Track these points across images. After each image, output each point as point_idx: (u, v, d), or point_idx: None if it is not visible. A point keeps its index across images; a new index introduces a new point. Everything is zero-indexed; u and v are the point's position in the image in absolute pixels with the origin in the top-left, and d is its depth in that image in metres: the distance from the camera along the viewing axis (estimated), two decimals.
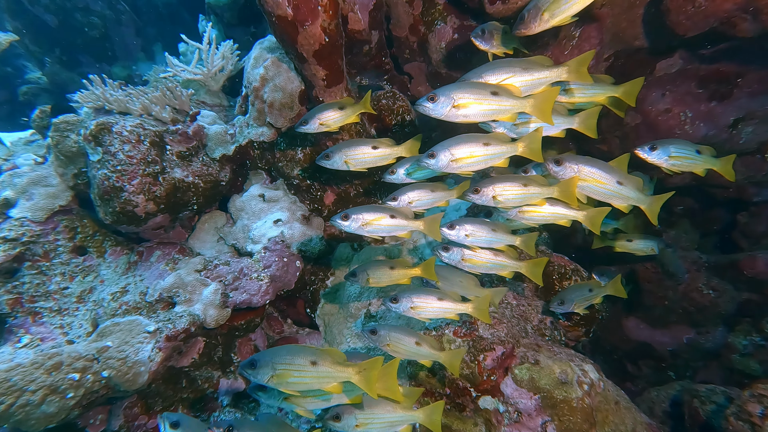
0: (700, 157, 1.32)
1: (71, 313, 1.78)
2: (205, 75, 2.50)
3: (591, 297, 1.55)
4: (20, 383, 1.18)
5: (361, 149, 1.46)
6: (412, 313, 1.31)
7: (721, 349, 2.17)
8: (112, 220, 1.76)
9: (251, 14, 3.63)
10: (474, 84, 1.19)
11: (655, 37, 1.75)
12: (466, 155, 1.23)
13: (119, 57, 4.66)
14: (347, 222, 1.30)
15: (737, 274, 2.09)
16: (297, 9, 1.43)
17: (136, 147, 1.68)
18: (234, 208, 2.09)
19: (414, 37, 2.25)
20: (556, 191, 1.25)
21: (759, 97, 1.74)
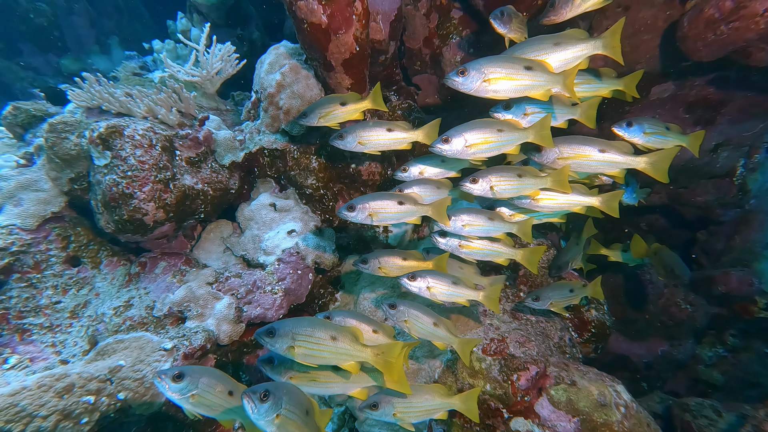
0: (670, 134, 1.41)
1: (64, 330, 1.68)
2: (202, 77, 2.48)
3: (571, 297, 1.58)
4: (29, 408, 1.11)
5: (376, 131, 1.48)
6: (427, 293, 1.34)
7: (689, 360, 2.37)
8: (115, 228, 1.69)
9: (239, 16, 3.63)
10: (506, 58, 1.20)
11: (658, 63, 1.92)
12: (480, 140, 1.26)
13: (70, 48, 4.46)
14: (353, 213, 1.32)
15: (711, 290, 2.31)
16: (332, 17, 1.47)
17: (148, 152, 1.64)
18: (242, 217, 2.06)
19: (427, 50, 2.34)
20: (550, 181, 1.32)
21: (738, 124, 1.96)
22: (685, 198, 2.25)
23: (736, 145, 2.05)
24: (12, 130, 2.56)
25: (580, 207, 1.42)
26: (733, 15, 1.35)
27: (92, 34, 4.63)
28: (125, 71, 3.80)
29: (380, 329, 1.29)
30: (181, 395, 0.98)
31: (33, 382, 1.20)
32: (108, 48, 4.67)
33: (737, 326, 2.33)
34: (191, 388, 0.99)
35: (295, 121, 1.64)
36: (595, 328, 1.89)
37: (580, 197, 1.39)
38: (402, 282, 1.33)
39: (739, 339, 2.35)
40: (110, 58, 4.56)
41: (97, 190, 1.69)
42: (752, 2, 1.29)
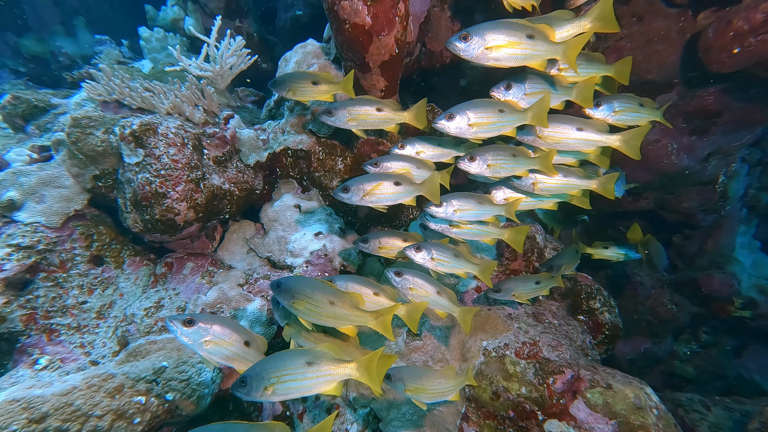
0: (643, 110, 1.45)
1: (91, 330, 1.71)
2: (215, 72, 2.49)
3: (537, 289, 1.63)
4: (84, 408, 1.15)
5: (365, 108, 1.50)
6: (431, 264, 1.41)
7: (666, 356, 2.57)
8: (144, 228, 1.72)
9: (238, 8, 3.64)
10: (510, 24, 1.21)
11: (668, 72, 2.04)
12: (482, 120, 1.28)
13: (32, 28, 4.32)
14: (348, 194, 1.34)
15: (694, 291, 2.51)
16: (376, 18, 1.51)
17: (181, 151, 1.67)
18: (266, 218, 2.10)
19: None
20: (538, 163, 1.38)
21: (729, 134, 2.12)
22: (671, 204, 2.43)
23: (725, 154, 2.21)
24: (10, 121, 2.54)
25: (578, 190, 1.50)
26: (763, 28, 1.46)
27: (56, 14, 4.44)
28: (108, 59, 3.75)
29: (381, 292, 1.33)
30: (193, 340, 1.00)
31: (81, 382, 1.24)
32: (73, 29, 4.50)
33: (710, 324, 2.55)
34: (203, 334, 1.00)
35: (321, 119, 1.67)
36: (608, 330, 1.99)
37: (577, 180, 1.47)
38: (407, 252, 1.40)
39: (710, 336, 2.57)
40: (76, 41, 4.41)
41: (126, 189, 1.72)
42: None
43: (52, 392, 1.17)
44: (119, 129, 1.66)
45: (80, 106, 2.24)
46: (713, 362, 2.55)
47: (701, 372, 2.56)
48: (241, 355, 1.05)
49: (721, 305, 2.45)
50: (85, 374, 1.29)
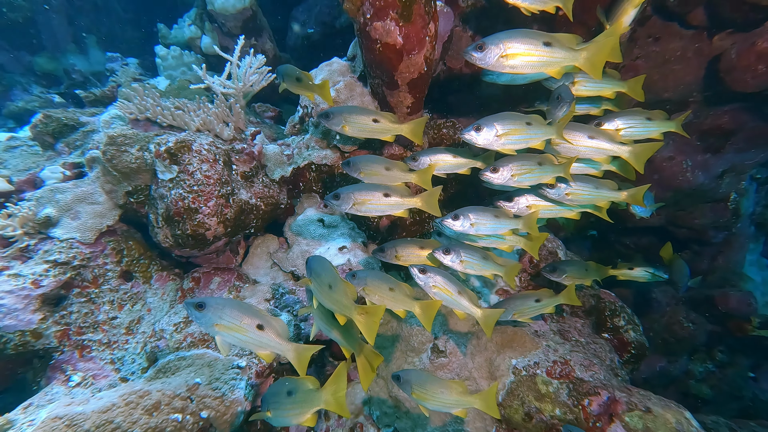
0: (654, 123, 1.47)
1: (121, 347, 1.73)
2: (237, 90, 2.56)
3: (538, 307, 1.59)
4: (124, 425, 1.16)
5: (361, 117, 1.53)
6: (460, 266, 1.42)
7: (682, 375, 2.53)
8: (174, 243, 1.76)
9: (255, 27, 3.75)
10: (526, 32, 1.21)
11: (684, 91, 2.07)
12: (510, 131, 1.29)
13: (46, 47, 4.42)
14: (338, 201, 1.34)
15: (710, 309, 2.49)
16: (407, 38, 1.56)
17: (213, 167, 1.71)
18: (290, 232, 2.13)
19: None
20: (563, 170, 1.38)
21: (742, 153, 2.14)
22: (683, 220, 2.43)
23: (738, 173, 2.22)
24: (41, 139, 2.62)
25: (607, 201, 1.50)
26: None
27: (69, 32, 4.54)
28: (125, 76, 3.87)
29: (397, 288, 1.32)
30: (205, 325, 1.00)
31: (119, 399, 1.25)
32: (85, 47, 4.62)
33: (726, 343, 2.51)
34: (214, 318, 1.00)
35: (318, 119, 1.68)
36: (634, 349, 1.96)
37: (608, 192, 1.48)
38: (436, 254, 1.41)
39: (726, 355, 2.54)
40: (87, 58, 4.53)
41: (158, 204, 1.76)
42: None
43: (92, 409, 1.19)
44: (155, 146, 1.71)
45: (109, 124, 2.31)
46: (729, 382, 2.51)
47: (717, 392, 2.52)
48: (255, 340, 1.03)
49: (739, 324, 2.42)
50: (123, 391, 1.30)
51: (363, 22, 1.60)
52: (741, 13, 1.71)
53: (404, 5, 1.52)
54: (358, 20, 1.63)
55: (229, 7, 3.55)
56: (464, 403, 1.27)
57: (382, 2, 1.54)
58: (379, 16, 1.56)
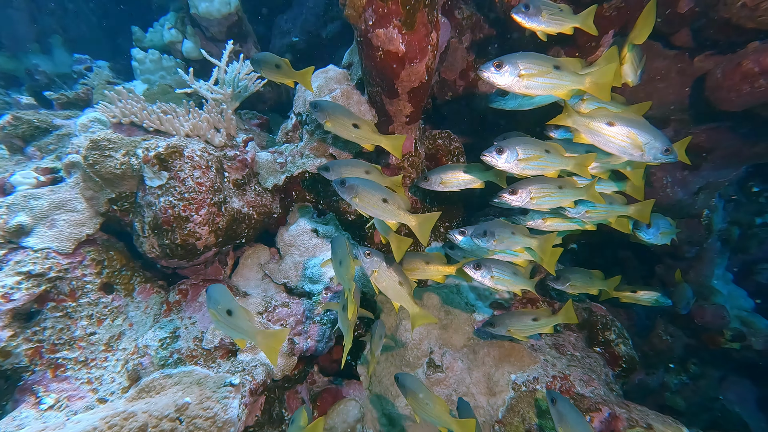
0: None
1: (99, 365, 1.61)
2: (226, 96, 2.51)
3: (536, 326, 1.59)
4: None
5: (343, 119, 1.55)
6: (490, 282, 1.44)
7: (658, 387, 2.60)
8: (161, 253, 1.67)
9: (240, 32, 3.72)
10: (539, 55, 1.25)
11: (667, 109, 2.17)
12: (530, 156, 1.32)
13: (4, 45, 4.25)
14: (343, 188, 1.32)
15: (687, 322, 2.58)
16: (410, 46, 1.56)
17: (205, 174, 1.65)
18: (282, 242, 2.07)
19: (462, 81, 2.50)
20: (585, 192, 1.40)
21: (717, 171, 2.26)
22: None
23: (712, 189, 2.34)
24: (8, 142, 2.47)
25: (616, 216, 1.54)
26: None
27: (32, 31, 4.38)
28: (99, 79, 3.74)
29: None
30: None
31: (101, 422, 1.15)
32: (49, 48, 4.47)
33: (698, 355, 2.60)
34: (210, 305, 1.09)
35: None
36: (625, 363, 1.98)
37: (619, 207, 1.53)
38: (467, 270, 1.42)
39: (698, 367, 2.62)
40: (52, 59, 4.38)
41: (145, 212, 1.67)
42: None
43: None
44: (143, 151, 1.63)
45: (87, 127, 2.20)
46: (702, 394, 2.59)
47: (690, 404, 2.59)
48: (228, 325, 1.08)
49: (712, 337, 2.51)
50: (104, 413, 1.21)
51: (364, 29, 1.60)
52: (725, 35, 1.80)
53: (408, 13, 1.53)
54: (360, 27, 1.62)
55: (214, 11, 3.50)
56: (445, 423, 1.28)
57: (386, 9, 1.53)
58: (381, 23, 1.55)
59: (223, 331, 1.17)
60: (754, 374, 2.62)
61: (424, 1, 1.54)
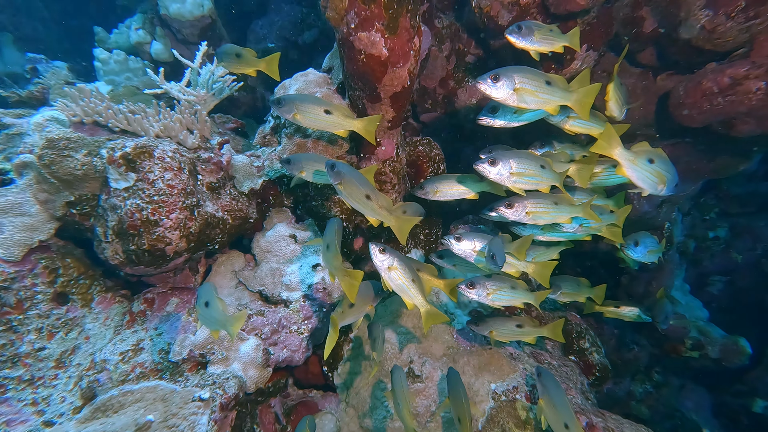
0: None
1: (47, 383, 1.45)
2: (199, 98, 2.42)
3: (518, 333, 1.60)
4: None
5: (313, 107, 1.48)
6: (487, 300, 1.44)
7: (625, 396, 2.70)
8: (126, 259, 1.54)
9: (214, 36, 3.64)
10: (532, 70, 1.29)
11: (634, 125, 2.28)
12: (523, 171, 1.34)
13: None
14: (332, 172, 1.27)
15: (652, 331, 2.69)
16: (392, 50, 1.55)
17: (177, 176, 1.55)
18: (259, 248, 1.98)
19: (442, 90, 2.53)
20: (581, 210, 1.44)
21: (680, 185, 2.40)
22: None
23: (673, 203, 2.48)
24: None
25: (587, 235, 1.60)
26: (729, 90, 1.68)
27: None
28: (56, 78, 3.54)
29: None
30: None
31: None
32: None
33: (662, 363, 2.71)
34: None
35: (269, 103, 1.61)
36: (599, 372, 2.01)
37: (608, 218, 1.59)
38: (462, 290, 1.40)
39: (661, 376, 2.72)
40: (1, 57, 4.14)
41: (109, 216, 1.54)
42: (747, 81, 1.63)
43: None
44: (108, 151, 1.52)
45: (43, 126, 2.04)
46: (664, 402, 2.67)
47: (654, 412, 2.66)
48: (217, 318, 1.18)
49: (674, 346, 2.61)
50: None
51: (346, 32, 1.58)
52: (686, 56, 1.91)
53: (391, 17, 1.52)
54: (341, 30, 1.60)
55: (186, 13, 3.39)
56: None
57: (368, 13, 1.52)
58: (364, 26, 1.54)
59: (203, 323, 1.24)
60: (709, 382, 2.73)
61: (406, 6, 1.54)
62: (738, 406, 2.66)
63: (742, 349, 2.51)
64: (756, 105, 1.65)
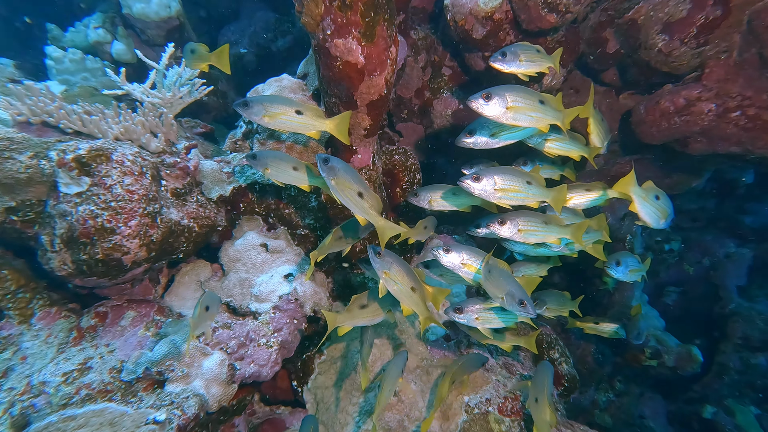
0: None
1: None
2: (164, 100, 2.30)
3: (496, 338, 1.60)
4: None
5: (283, 108, 1.42)
6: (476, 323, 1.43)
7: (589, 405, 2.80)
8: (75, 270, 1.40)
9: (181, 38, 3.53)
10: (525, 89, 1.32)
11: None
12: (508, 187, 1.35)
13: None
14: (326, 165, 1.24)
15: (615, 341, 2.82)
16: (369, 58, 1.53)
17: (138, 180, 1.43)
18: (227, 258, 1.87)
19: (417, 100, 2.54)
20: (570, 232, 1.46)
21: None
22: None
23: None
24: None
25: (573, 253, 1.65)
26: (685, 110, 1.78)
27: None
28: (1, 76, 3.30)
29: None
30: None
31: None
32: None
33: (623, 373, 2.80)
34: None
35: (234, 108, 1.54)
36: (567, 382, 2.03)
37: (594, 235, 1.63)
38: (451, 316, 1.39)
39: (623, 384, 2.79)
40: None
41: (57, 224, 1.40)
42: (700, 103, 1.73)
43: None
44: (58, 153, 1.38)
45: None
46: (625, 411, 2.73)
47: (616, 420, 2.72)
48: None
49: (635, 355, 2.67)
50: None
51: (322, 38, 1.54)
52: (645, 76, 2.01)
53: (367, 25, 1.50)
54: (317, 36, 1.56)
55: (151, 13, 3.24)
56: None
57: (344, 20, 1.50)
58: (340, 33, 1.51)
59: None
60: (665, 390, 2.83)
61: (383, 15, 1.53)
62: (690, 413, 2.76)
63: (694, 357, 2.61)
64: (707, 125, 1.75)
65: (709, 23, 1.63)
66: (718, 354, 2.80)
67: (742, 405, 2.68)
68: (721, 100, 1.70)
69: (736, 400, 2.71)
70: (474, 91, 1.31)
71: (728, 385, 2.73)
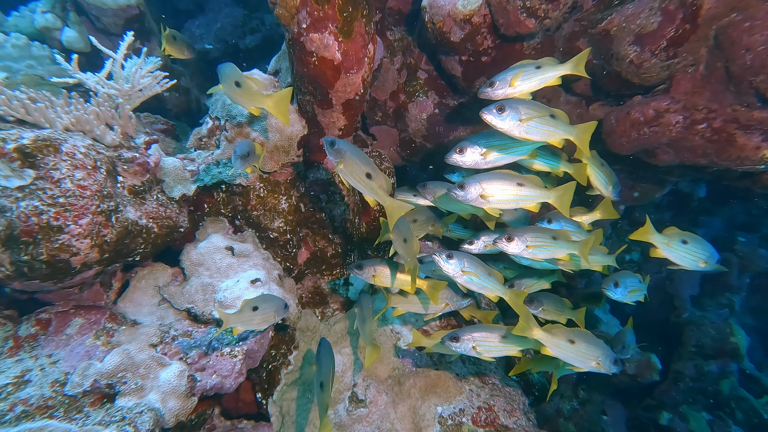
0: None
1: None
2: (122, 92, 2.19)
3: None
4: None
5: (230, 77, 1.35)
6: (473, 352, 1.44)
7: (554, 414, 2.90)
8: (14, 272, 1.29)
9: (143, 29, 3.40)
10: (536, 103, 1.37)
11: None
12: (497, 191, 1.36)
13: None
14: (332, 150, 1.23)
15: None
16: (346, 55, 1.51)
17: (91, 175, 1.34)
18: (189, 261, 1.78)
19: (392, 103, 2.54)
20: (578, 248, 1.48)
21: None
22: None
23: (601, 226, 2.73)
24: None
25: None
26: (654, 121, 1.87)
27: None
28: None
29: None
30: None
31: None
32: None
33: (586, 380, 2.89)
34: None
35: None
36: (538, 392, 2.07)
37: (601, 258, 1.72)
38: (448, 345, 1.40)
39: (586, 393, 2.87)
40: None
41: None
42: (668, 114, 1.82)
43: None
44: None
45: None
46: (589, 419, 2.80)
47: (580, 429, 2.78)
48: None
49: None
50: None
51: (297, 32, 1.51)
52: (616, 87, 2.10)
53: (345, 20, 1.49)
54: (292, 29, 1.53)
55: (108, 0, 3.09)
56: None
57: (321, 13, 1.48)
58: (316, 27, 1.49)
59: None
60: (624, 398, 2.93)
61: (361, 11, 1.52)
62: (647, 420, 2.87)
63: (653, 365, 2.71)
64: (675, 137, 1.84)
65: (679, 36, 1.72)
66: (674, 362, 2.94)
67: (695, 411, 2.79)
68: (689, 113, 1.80)
69: (689, 406, 2.84)
70: (450, 96, 1.32)
71: (683, 391, 2.86)
